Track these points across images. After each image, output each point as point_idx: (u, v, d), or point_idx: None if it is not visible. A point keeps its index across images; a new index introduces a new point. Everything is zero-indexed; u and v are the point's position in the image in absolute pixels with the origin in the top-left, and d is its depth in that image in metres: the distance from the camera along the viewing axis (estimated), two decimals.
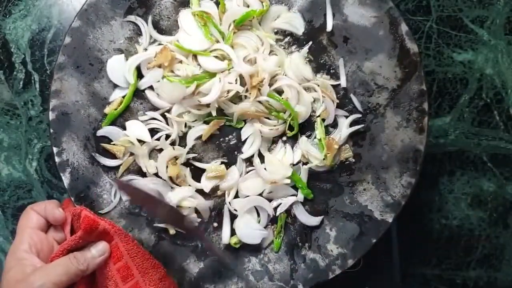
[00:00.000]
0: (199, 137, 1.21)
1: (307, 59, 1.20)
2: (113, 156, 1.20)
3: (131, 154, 1.20)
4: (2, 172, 1.34)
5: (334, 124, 1.20)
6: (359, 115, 1.19)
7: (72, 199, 1.18)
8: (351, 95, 1.19)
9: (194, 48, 1.18)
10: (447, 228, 1.30)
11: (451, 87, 1.27)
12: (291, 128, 1.19)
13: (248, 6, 1.19)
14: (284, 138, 1.21)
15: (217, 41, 1.18)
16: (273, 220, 1.22)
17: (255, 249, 1.22)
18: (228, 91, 1.16)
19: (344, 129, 1.19)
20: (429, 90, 1.14)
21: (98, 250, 1.10)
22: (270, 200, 1.21)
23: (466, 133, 1.28)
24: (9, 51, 1.32)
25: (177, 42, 1.19)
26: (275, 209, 1.21)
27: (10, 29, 1.32)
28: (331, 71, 1.20)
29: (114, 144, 1.19)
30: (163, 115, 1.20)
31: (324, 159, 1.19)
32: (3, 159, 1.34)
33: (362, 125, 1.19)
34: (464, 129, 1.27)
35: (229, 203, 1.20)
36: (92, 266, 1.08)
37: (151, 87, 1.19)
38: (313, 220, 1.21)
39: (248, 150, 1.21)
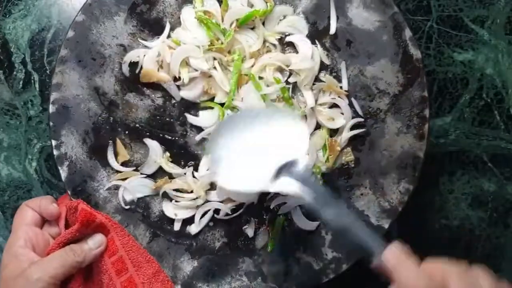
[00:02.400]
0: None
1: None
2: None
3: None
4: (2, 172, 1.34)
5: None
6: (361, 119, 1.19)
7: (69, 192, 1.17)
8: (352, 99, 1.19)
9: (195, 44, 1.19)
10: (447, 228, 1.29)
11: (452, 87, 1.27)
12: None
13: (252, 6, 1.19)
14: None
15: (218, 39, 1.19)
16: (269, 221, 1.22)
17: (249, 250, 1.21)
18: None
19: (344, 133, 1.19)
20: (429, 91, 1.14)
21: (95, 242, 1.11)
22: (273, 198, 1.21)
23: (466, 133, 1.27)
24: (9, 51, 1.32)
25: (176, 38, 1.20)
26: (276, 208, 1.21)
27: (10, 29, 1.32)
28: (333, 74, 1.20)
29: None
30: None
31: (326, 161, 1.19)
32: (3, 159, 1.34)
33: (363, 129, 1.19)
34: (464, 129, 1.27)
35: None
36: (89, 257, 1.08)
37: None
38: (310, 225, 1.20)
39: None
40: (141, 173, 1.21)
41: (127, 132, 1.21)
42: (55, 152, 1.17)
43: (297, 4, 1.20)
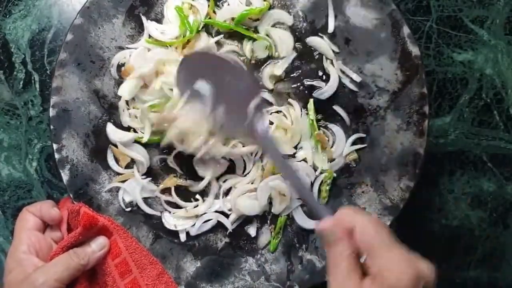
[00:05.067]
0: None
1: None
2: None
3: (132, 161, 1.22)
4: (2, 172, 1.34)
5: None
6: (363, 135, 1.20)
7: (71, 195, 1.18)
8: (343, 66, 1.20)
9: (166, 38, 1.19)
10: (447, 228, 1.30)
11: (451, 87, 1.27)
12: None
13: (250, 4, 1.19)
14: None
15: (190, 31, 1.18)
16: (271, 221, 1.22)
17: (252, 249, 1.22)
18: None
19: (346, 147, 1.20)
20: (429, 90, 1.14)
21: (98, 245, 1.11)
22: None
23: (466, 133, 1.27)
24: (9, 51, 1.32)
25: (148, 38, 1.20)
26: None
27: (10, 29, 1.32)
28: None
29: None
30: None
31: (325, 154, 1.20)
32: (3, 159, 1.34)
33: (364, 145, 1.21)
34: (464, 129, 1.27)
35: None
36: (92, 260, 1.09)
37: None
38: (312, 223, 1.21)
39: None
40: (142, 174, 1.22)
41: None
42: (56, 156, 1.17)
43: (295, 3, 1.20)
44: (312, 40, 1.19)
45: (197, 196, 1.22)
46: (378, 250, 0.82)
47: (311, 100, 1.20)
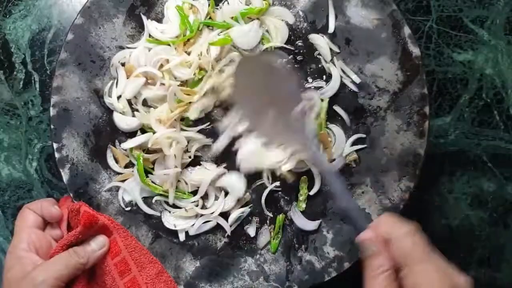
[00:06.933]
0: None
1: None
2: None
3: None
4: (2, 172, 1.34)
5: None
6: (363, 135, 1.20)
7: (71, 195, 1.17)
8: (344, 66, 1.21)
9: (166, 38, 1.19)
10: (447, 228, 1.29)
11: (451, 87, 1.27)
12: None
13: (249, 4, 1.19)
14: None
15: (191, 30, 1.18)
16: (271, 221, 1.22)
17: (251, 249, 1.22)
18: None
19: (346, 148, 1.20)
20: (429, 91, 1.14)
21: (97, 243, 1.11)
22: None
23: (466, 133, 1.27)
24: (9, 51, 1.32)
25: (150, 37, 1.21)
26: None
27: (10, 29, 1.32)
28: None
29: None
30: None
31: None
32: (3, 159, 1.34)
33: (364, 146, 1.21)
34: (464, 129, 1.27)
35: None
36: (92, 259, 1.09)
37: None
38: (310, 225, 1.21)
39: None
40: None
41: (127, 134, 1.21)
42: (56, 155, 1.17)
43: (296, 3, 1.20)
44: (314, 38, 1.20)
45: (196, 197, 1.22)
46: (414, 263, 0.83)
47: (326, 99, 1.20)
